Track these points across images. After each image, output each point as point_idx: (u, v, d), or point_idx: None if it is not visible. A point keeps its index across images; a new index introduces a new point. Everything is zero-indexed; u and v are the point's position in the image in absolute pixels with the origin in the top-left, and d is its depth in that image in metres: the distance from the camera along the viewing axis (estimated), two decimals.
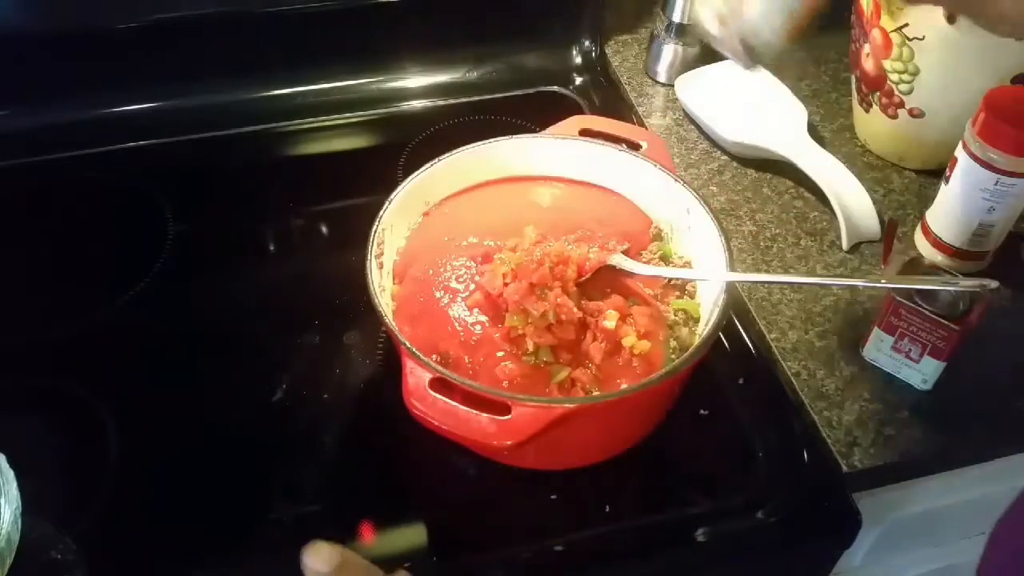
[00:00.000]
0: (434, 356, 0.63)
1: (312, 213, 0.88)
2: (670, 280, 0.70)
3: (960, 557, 0.95)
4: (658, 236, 0.74)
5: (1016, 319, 0.76)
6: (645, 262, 0.71)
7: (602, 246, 0.70)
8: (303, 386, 0.72)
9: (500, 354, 0.63)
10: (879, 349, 0.71)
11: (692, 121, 0.95)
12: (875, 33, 0.82)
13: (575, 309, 0.63)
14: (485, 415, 0.55)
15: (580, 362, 0.64)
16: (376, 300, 0.62)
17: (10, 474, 0.57)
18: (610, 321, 0.64)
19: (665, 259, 0.72)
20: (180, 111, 0.95)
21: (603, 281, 0.68)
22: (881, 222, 0.84)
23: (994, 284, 0.62)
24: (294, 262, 0.84)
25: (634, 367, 0.63)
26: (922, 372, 0.70)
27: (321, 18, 0.94)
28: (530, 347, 0.63)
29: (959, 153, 0.74)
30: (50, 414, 0.70)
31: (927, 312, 0.66)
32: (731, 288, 0.64)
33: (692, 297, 0.70)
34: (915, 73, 0.81)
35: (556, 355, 0.63)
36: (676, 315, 0.68)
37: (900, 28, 0.79)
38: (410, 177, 0.72)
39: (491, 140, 0.75)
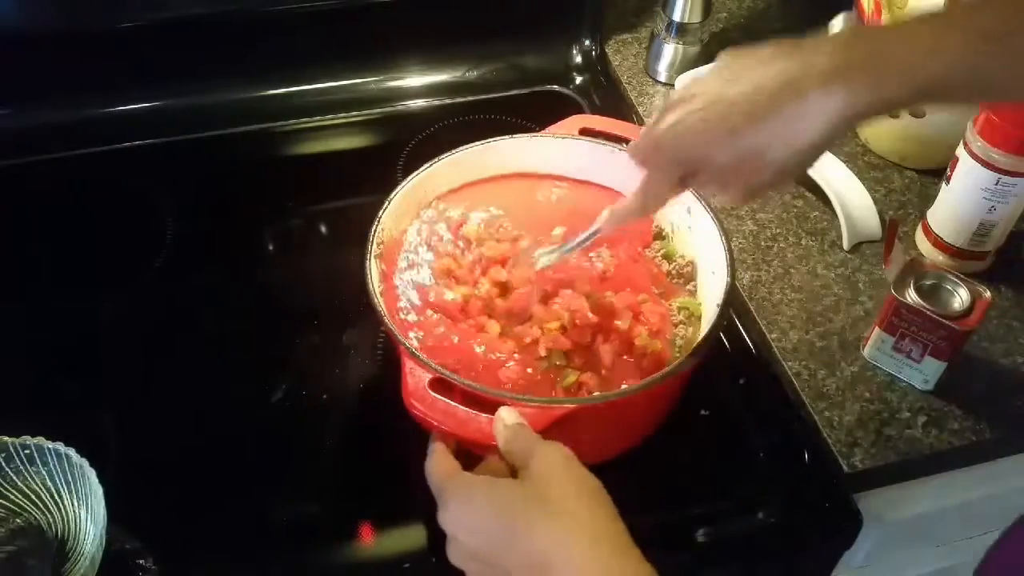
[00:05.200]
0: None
1: (312, 213, 0.88)
2: (672, 279, 0.71)
3: (961, 557, 0.95)
4: (660, 235, 0.74)
5: (1017, 319, 0.76)
6: (649, 259, 0.71)
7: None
8: (303, 386, 0.72)
9: (500, 355, 0.63)
10: (880, 349, 0.71)
11: None
12: None
13: (590, 315, 0.63)
14: (485, 415, 0.54)
15: (592, 366, 0.63)
16: (376, 300, 0.62)
17: (99, 490, 0.56)
18: (623, 321, 0.64)
19: (668, 257, 0.72)
20: (180, 111, 0.95)
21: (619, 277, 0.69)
22: (882, 222, 0.83)
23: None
24: (294, 262, 0.84)
25: (643, 367, 0.63)
26: (923, 372, 0.70)
27: (321, 17, 0.94)
28: (542, 352, 0.63)
29: (960, 152, 0.74)
30: (50, 414, 0.70)
31: (928, 312, 0.66)
32: (731, 288, 0.64)
33: (694, 295, 0.70)
34: None
35: (569, 359, 0.63)
36: (679, 313, 0.68)
37: None
38: (410, 176, 0.71)
39: (491, 139, 0.75)
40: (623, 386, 0.62)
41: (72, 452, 0.58)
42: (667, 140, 0.53)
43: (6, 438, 0.59)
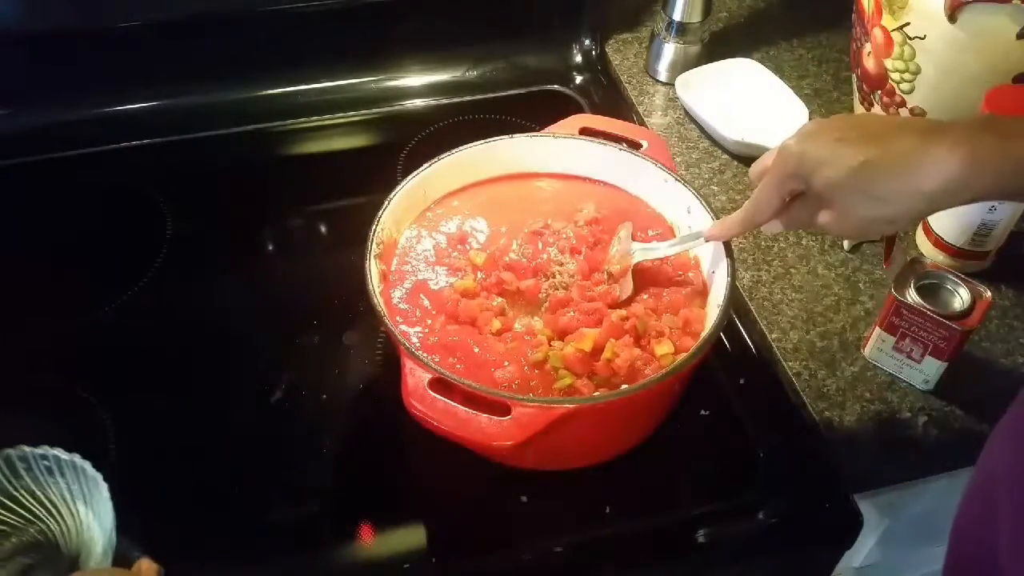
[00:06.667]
0: (435, 357, 0.63)
1: (312, 213, 0.88)
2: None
3: None
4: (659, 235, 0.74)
5: (1017, 319, 0.76)
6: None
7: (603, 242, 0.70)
8: (303, 386, 0.72)
9: (497, 356, 0.63)
10: (880, 349, 0.71)
11: (693, 120, 0.95)
12: (876, 32, 0.81)
13: (635, 350, 0.63)
14: (485, 415, 0.54)
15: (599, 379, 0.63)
16: (376, 300, 0.62)
17: (109, 504, 0.56)
18: (663, 348, 0.63)
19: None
20: (180, 111, 0.95)
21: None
22: None
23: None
24: (294, 262, 0.84)
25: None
26: (924, 372, 0.70)
27: (321, 17, 0.94)
28: (539, 355, 0.63)
29: None
30: (50, 414, 0.70)
31: (929, 312, 0.66)
32: (732, 288, 0.64)
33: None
34: (916, 72, 0.80)
35: (568, 365, 0.63)
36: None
37: (901, 27, 0.78)
38: (410, 176, 0.71)
39: (491, 139, 0.75)
40: (623, 386, 0.62)
41: (87, 465, 0.58)
42: (792, 149, 0.56)
43: (26, 448, 0.59)
